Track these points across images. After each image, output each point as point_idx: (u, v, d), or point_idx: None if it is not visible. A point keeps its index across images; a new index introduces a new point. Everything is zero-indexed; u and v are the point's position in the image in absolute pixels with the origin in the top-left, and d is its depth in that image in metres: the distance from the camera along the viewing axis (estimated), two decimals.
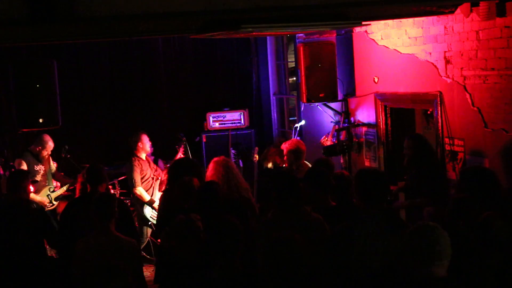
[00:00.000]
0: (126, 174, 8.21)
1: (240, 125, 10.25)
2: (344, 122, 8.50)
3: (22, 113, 7.63)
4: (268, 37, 10.63)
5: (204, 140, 10.00)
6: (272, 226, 4.62)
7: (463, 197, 4.74)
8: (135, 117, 10.31)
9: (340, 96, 8.50)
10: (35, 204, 7.68)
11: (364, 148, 8.27)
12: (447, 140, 6.74)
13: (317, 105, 8.71)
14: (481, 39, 6.12)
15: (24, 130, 7.97)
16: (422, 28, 6.97)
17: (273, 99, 11.06)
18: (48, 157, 8.21)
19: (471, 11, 6.16)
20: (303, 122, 9.24)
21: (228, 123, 10.22)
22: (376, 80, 7.90)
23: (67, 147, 8.61)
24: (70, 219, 5.82)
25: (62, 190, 8.19)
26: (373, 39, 7.90)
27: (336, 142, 8.25)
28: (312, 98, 8.22)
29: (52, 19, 4.39)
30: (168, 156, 9.07)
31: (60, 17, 4.36)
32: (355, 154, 8.38)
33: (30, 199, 7.12)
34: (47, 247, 6.54)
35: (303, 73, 8.19)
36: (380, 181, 4.28)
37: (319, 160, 6.70)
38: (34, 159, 8.01)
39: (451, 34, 6.51)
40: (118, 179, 8.74)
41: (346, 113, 8.49)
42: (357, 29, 8.12)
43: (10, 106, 8.35)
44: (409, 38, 7.22)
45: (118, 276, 3.73)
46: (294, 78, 10.22)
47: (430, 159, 6.59)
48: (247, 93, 10.96)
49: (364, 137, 8.27)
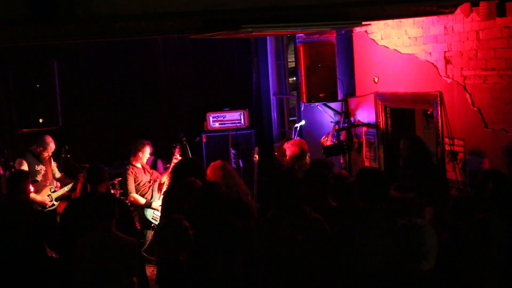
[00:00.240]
0: (122, 181, 8.32)
1: (240, 125, 10.25)
2: (344, 122, 8.49)
3: (22, 113, 7.65)
4: (268, 37, 10.63)
5: (204, 140, 10.01)
6: (272, 226, 4.62)
7: (463, 197, 4.74)
8: (135, 117, 10.32)
9: (340, 96, 8.50)
10: (36, 204, 7.70)
11: (364, 148, 8.27)
12: (447, 140, 6.73)
13: (317, 105, 8.71)
14: (481, 39, 6.12)
15: (24, 130, 7.98)
16: (422, 28, 6.97)
17: (273, 99, 11.06)
18: (49, 158, 8.21)
19: (471, 11, 6.16)
20: (303, 122, 9.23)
21: (228, 123, 10.22)
22: (376, 80, 7.90)
23: (67, 147, 8.62)
24: (71, 219, 5.82)
25: (63, 190, 8.19)
26: (373, 39, 7.90)
27: (336, 142, 8.24)
28: (312, 98, 8.22)
29: (52, 19, 4.38)
30: (167, 156, 9.07)
31: (60, 17, 4.35)
32: (355, 154, 8.38)
33: (31, 199, 7.14)
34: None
35: (303, 73, 8.19)
36: (380, 181, 4.28)
37: (317, 160, 6.69)
38: (35, 159, 8.01)
39: (451, 34, 6.51)
40: (118, 179, 8.74)
41: (346, 113, 8.49)
42: (357, 29, 8.12)
43: (10, 106, 8.35)
44: (409, 38, 7.21)
45: (113, 278, 3.73)
46: (294, 78, 10.22)
47: (426, 159, 6.58)
48: (247, 93, 10.97)
49: (364, 137, 8.27)
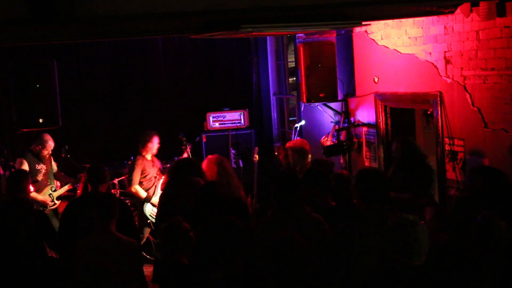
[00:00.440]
0: (128, 170, 8.23)
1: (240, 125, 10.25)
2: (344, 122, 8.49)
3: (22, 113, 7.64)
4: (268, 37, 10.63)
5: (204, 140, 10.01)
6: (272, 226, 4.62)
7: (464, 197, 4.74)
8: (135, 117, 10.31)
9: (340, 96, 8.49)
10: (37, 204, 7.70)
11: (364, 148, 8.26)
12: (447, 140, 6.73)
13: (317, 105, 8.70)
14: (481, 39, 6.12)
15: (24, 130, 7.98)
16: (422, 28, 6.97)
17: (273, 99, 11.07)
18: (49, 156, 8.21)
19: (471, 11, 6.15)
20: (303, 122, 9.23)
21: (228, 123, 10.22)
22: (376, 80, 7.90)
23: (67, 147, 8.62)
24: (71, 219, 5.81)
25: (64, 189, 8.19)
26: (373, 39, 7.89)
27: (336, 142, 8.24)
28: (312, 98, 8.21)
29: (52, 19, 4.38)
30: (167, 156, 9.07)
31: (60, 17, 4.35)
32: (355, 154, 8.38)
33: (32, 198, 7.14)
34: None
35: (303, 73, 8.18)
36: (380, 181, 4.29)
37: (317, 160, 6.68)
38: (35, 158, 8.01)
39: (451, 34, 6.51)
40: (118, 179, 8.75)
41: (346, 113, 8.48)
42: (357, 29, 8.11)
43: (10, 106, 8.34)
44: (409, 38, 7.21)
45: (109, 279, 3.73)
46: (294, 78, 10.23)
47: (418, 161, 6.53)
48: (247, 93, 10.97)
49: (364, 137, 8.27)
